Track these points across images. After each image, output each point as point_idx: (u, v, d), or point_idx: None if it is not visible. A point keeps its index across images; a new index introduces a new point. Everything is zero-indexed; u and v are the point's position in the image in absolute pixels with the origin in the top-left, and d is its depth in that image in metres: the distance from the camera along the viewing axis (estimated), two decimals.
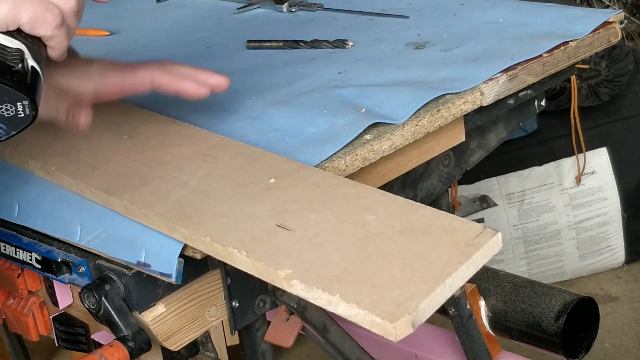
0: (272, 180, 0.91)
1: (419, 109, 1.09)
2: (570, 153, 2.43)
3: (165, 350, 1.01)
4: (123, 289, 0.92)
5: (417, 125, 1.07)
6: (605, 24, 1.30)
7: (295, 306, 1.04)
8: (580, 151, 2.41)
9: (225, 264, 0.94)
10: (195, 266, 0.92)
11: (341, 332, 1.11)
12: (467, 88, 1.14)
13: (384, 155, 1.04)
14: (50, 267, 0.98)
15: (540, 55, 1.21)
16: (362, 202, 0.84)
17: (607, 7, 3.11)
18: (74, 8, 0.81)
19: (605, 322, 2.03)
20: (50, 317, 1.07)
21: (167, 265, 0.88)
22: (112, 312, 0.92)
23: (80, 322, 1.05)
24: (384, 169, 1.10)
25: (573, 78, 2.26)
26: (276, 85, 1.21)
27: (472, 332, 1.43)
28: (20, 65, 0.78)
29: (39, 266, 1.00)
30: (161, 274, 0.88)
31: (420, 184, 1.22)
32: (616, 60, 2.38)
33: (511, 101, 1.23)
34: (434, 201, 1.27)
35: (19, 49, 0.79)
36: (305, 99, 1.15)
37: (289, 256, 0.78)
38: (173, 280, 0.88)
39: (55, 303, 1.04)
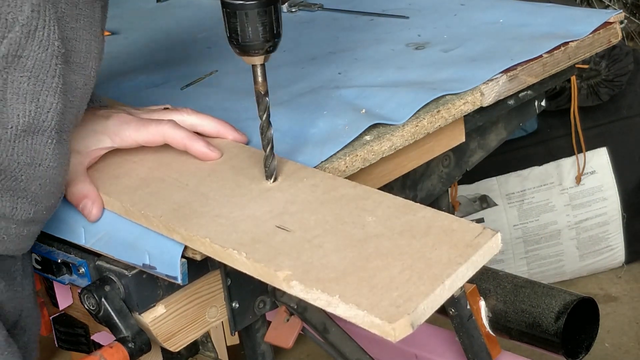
0: (272, 181, 0.91)
1: (419, 110, 1.09)
2: (570, 153, 2.43)
3: (165, 351, 1.01)
4: (123, 290, 0.92)
5: (417, 126, 1.07)
6: (606, 24, 1.30)
7: (295, 307, 1.04)
8: (580, 151, 2.41)
9: (225, 265, 0.94)
10: (195, 267, 0.92)
11: (341, 333, 1.11)
12: (467, 89, 1.14)
13: (384, 156, 1.04)
14: (50, 268, 0.98)
15: (541, 56, 1.21)
16: (361, 203, 0.84)
17: (607, 7, 3.11)
18: None
19: (605, 322, 2.03)
20: (50, 317, 1.07)
21: (171, 267, 0.88)
22: (112, 313, 0.92)
23: (80, 323, 1.05)
24: (384, 169, 1.10)
25: (573, 78, 2.26)
26: (276, 85, 1.20)
27: (472, 332, 1.43)
28: None
29: (39, 267, 1.00)
30: (167, 276, 0.89)
31: (420, 185, 1.22)
32: (616, 60, 2.38)
33: (511, 102, 1.23)
34: (434, 201, 1.27)
35: None
36: (305, 99, 1.15)
37: (288, 257, 0.78)
38: (180, 281, 0.88)
39: (55, 304, 1.05)
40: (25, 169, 0.80)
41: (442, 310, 1.39)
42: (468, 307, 1.41)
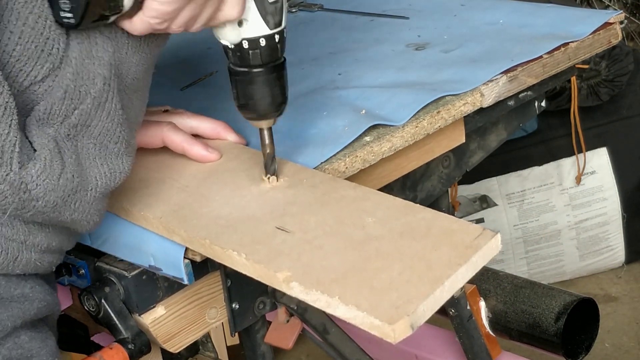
0: (272, 182, 0.91)
1: (419, 111, 1.09)
2: (570, 153, 2.43)
3: (165, 351, 1.01)
4: (123, 291, 0.92)
5: (417, 126, 1.07)
6: (606, 24, 1.30)
7: (296, 308, 1.04)
8: (580, 151, 2.41)
9: (225, 266, 0.94)
10: (195, 268, 0.92)
11: (341, 334, 1.11)
12: (467, 89, 1.14)
13: (384, 157, 1.04)
14: None
15: (541, 57, 1.21)
16: (361, 205, 0.84)
17: (607, 7, 3.11)
18: None
19: (605, 322, 2.02)
20: None
21: (175, 269, 0.88)
22: (112, 315, 0.92)
23: (80, 324, 1.05)
24: (384, 170, 1.10)
25: (573, 78, 2.26)
26: None
27: (472, 333, 1.43)
28: None
29: None
30: (173, 277, 0.89)
31: (420, 185, 1.22)
32: (616, 60, 2.38)
33: (511, 102, 1.23)
34: (434, 202, 1.27)
35: None
36: (306, 100, 1.15)
37: (288, 258, 0.78)
38: (186, 282, 0.89)
39: None
40: (92, 226, 0.82)
41: (442, 310, 1.39)
42: (468, 307, 1.41)
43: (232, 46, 0.86)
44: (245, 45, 0.86)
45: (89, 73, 0.77)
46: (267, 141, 0.91)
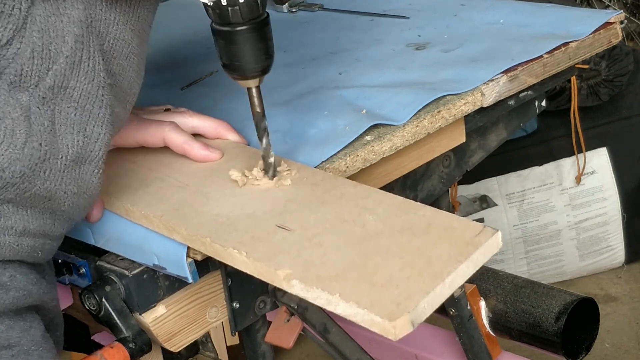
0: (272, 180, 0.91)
1: (419, 110, 1.09)
2: (570, 153, 2.43)
3: (165, 351, 1.01)
4: (123, 290, 0.93)
5: (417, 126, 1.07)
6: (606, 24, 1.30)
7: (296, 307, 1.04)
8: (580, 151, 2.41)
9: (225, 265, 0.94)
10: (196, 267, 0.92)
11: (341, 333, 1.11)
12: (467, 89, 1.14)
13: (385, 156, 1.04)
14: None
15: (541, 56, 1.21)
16: (361, 202, 0.84)
17: (607, 7, 3.11)
18: None
19: (605, 322, 2.03)
20: None
21: (179, 268, 0.88)
22: (113, 314, 0.92)
23: (81, 323, 1.05)
24: (384, 170, 1.10)
25: (573, 78, 2.26)
26: (277, 85, 1.21)
27: (473, 333, 1.43)
28: None
29: None
30: (178, 275, 0.89)
31: (421, 185, 1.22)
32: (616, 60, 2.38)
33: (512, 102, 1.23)
34: (434, 202, 1.27)
35: None
36: (306, 99, 1.15)
37: (288, 256, 0.78)
38: (190, 281, 0.89)
39: None
40: (71, 197, 0.80)
41: (443, 310, 1.39)
42: (468, 307, 1.41)
43: (211, 3, 0.84)
44: (224, 1, 0.83)
45: (57, 30, 0.75)
46: (255, 101, 0.90)
